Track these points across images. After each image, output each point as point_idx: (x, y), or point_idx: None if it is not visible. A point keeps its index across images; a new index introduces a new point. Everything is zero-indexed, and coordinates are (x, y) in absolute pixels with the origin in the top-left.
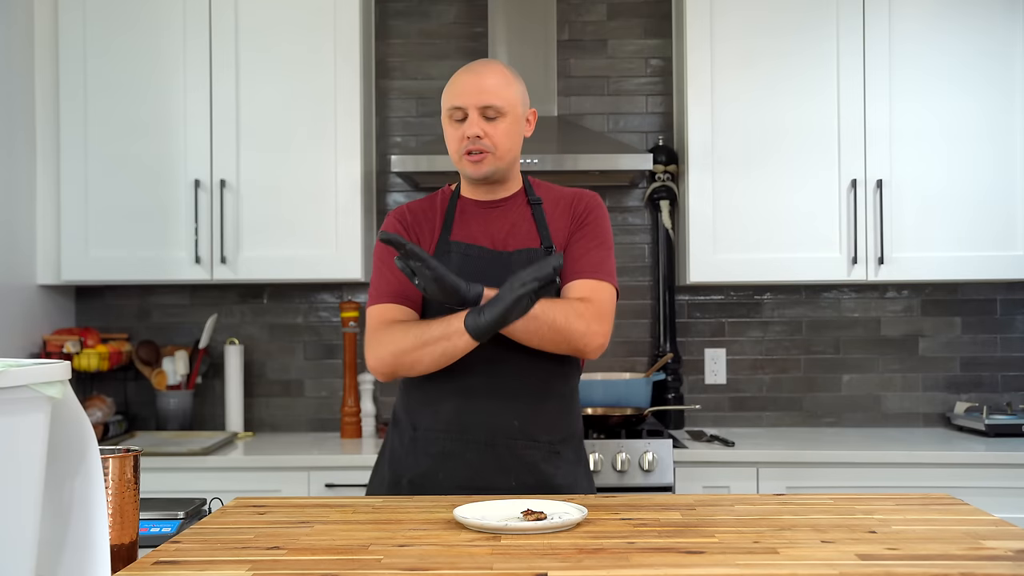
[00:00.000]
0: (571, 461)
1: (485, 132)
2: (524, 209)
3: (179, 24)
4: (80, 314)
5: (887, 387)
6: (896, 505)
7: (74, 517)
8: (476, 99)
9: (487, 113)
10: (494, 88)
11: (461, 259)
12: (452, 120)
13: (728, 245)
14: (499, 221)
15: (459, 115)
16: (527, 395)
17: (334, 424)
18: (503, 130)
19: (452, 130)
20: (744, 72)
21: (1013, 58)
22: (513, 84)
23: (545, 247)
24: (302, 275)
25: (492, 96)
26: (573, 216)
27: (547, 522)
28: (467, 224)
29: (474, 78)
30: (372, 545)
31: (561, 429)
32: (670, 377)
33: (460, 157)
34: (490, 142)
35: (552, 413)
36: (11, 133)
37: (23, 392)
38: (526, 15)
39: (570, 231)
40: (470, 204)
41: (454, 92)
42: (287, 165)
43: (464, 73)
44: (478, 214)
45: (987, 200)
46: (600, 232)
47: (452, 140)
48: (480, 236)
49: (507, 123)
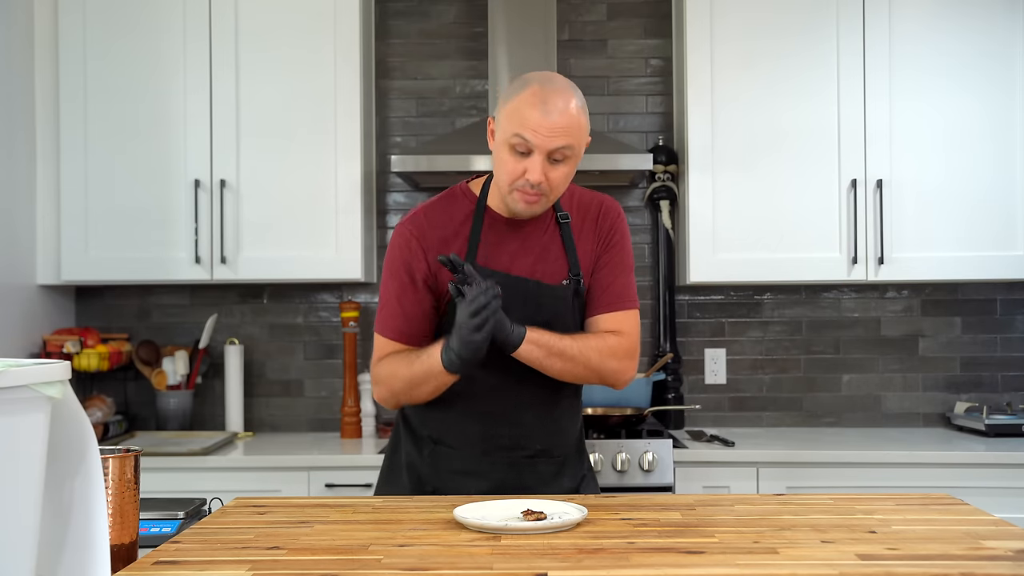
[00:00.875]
0: (582, 467)
1: (547, 177)
2: (554, 230)
3: (179, 24)
4: (80, 314)
5: (887, 387)
6: (896, 505)
7: (74, 517)
8: (548, 142)
9: (554, 155)
10: (566, 131)
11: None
12: (513, 149)
13: (728, 245)
14: (528, 244)
15: (523, 147)
16: (543, 412)
17: (334, 424)
18: (564, 173)
19: (510, 159)
20: (744, 72)
21: (1013, 58)
22: (583, 123)
23: (573, 278)
24: (302, 275)
25: (564, 140)
26: (598, 235)
27: (547, 522)
28: (494, 245)
29: (551, 120)
30: (372, 545)
31: (572, 438)
32: (670, 377)
33: (511, 191)
34: (548, 186)
35: (563, 425)
36: (11, 133)
37: (23, 392)
38: (526, 15)
39: (596, 253)
40: (499, 221)
41: (527, 126)
42: (287, 165)
43: (540, 106)
44: (507, 235)
45: (987, 200)
46: (625, 254)
47: (507, 170)
48: (508, 262)
49: (569, 166)
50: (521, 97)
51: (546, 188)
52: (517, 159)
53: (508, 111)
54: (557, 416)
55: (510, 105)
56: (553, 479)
